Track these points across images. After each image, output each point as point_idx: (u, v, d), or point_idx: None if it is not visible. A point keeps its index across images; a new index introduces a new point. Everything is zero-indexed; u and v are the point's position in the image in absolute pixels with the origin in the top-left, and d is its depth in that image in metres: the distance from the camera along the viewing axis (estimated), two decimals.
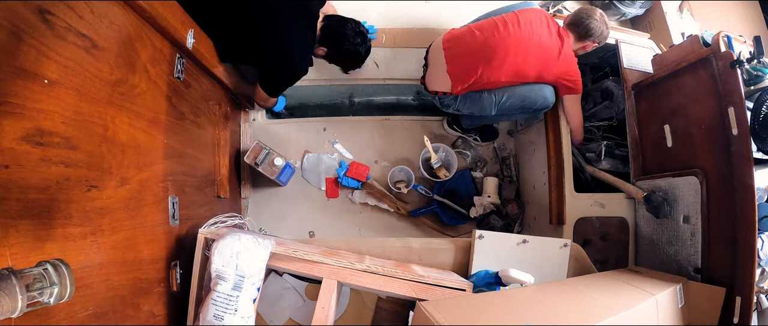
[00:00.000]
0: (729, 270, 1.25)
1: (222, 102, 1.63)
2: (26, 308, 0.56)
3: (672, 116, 1.48)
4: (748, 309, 1.19)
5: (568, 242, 1.39)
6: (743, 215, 1.21)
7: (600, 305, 0.99)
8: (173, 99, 1.20)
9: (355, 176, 1.97)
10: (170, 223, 1.15)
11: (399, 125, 2.10)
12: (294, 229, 1.97)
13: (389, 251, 1.35)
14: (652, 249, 1.53)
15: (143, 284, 1.01)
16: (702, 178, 1.34)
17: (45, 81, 0.72)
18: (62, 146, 0.76)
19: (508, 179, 2.09)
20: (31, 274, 0.60)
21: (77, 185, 0.80)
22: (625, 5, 2.22)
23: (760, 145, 1.26)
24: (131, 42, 0.98)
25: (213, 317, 1.01)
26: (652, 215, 1.51)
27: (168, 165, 1.16)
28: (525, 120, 2.07)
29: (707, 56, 1.33)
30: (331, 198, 2.02)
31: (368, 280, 1.09)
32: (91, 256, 0.83)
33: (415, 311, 0.90)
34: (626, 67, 1.70)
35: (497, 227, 1.94)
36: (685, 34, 2.02)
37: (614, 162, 1.75)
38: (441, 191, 2.01)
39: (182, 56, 1.24)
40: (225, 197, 1.62)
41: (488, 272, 1.21)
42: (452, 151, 1.99)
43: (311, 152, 2.03)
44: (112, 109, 0.91)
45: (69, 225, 0.77)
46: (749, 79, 1.33)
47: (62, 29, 0.75)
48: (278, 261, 1.11)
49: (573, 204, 1.60)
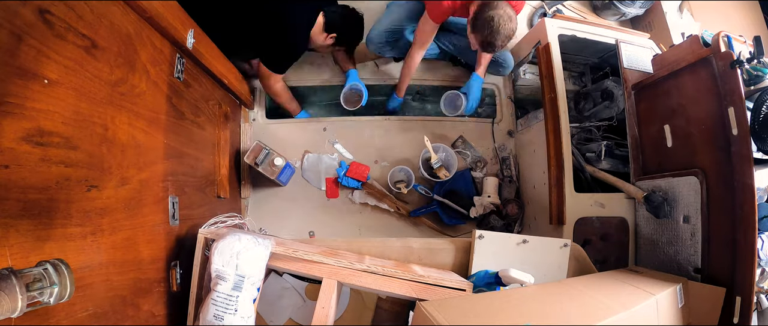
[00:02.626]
0: (729, 270, 1.25)
1: (222, 102, 1.63)
2: (26, 308, 0.56)
3: (672, 116, 1.48)
4: (748, 309, 1.19)
5: (568, 242, 1.39)
6: (743, 215, 1.21)
7: (600, 305, 0.99)
8: (173, 99, 1.20)
9: (355, 176, 1.97)
10: (170, 223, 1.15)
11: (399, 125, 2.10)
12: (294, 229, 1.97)
13: (389, 251, 1.35)
14: (652, 249, 1.53)
15: (143, 284, 1.01)
16: (702, 178, 1.34)
17: (45, 81, 0.72)
18: (62, 146, 0.76)
19: (508, 179, 2.09)
20: (31, 274, 0.60)
21: (77, 185, 0.80)
22: (625, 5, 2.22)
23: (760, 145, 1.26)
24: (131, 42, 0.98)
25: (213, 317, 1.01)
26: (652, 215, 1.51)
27: (168, 165, 1.16)
28: (525, 120, 2.07)
29: (707, 56, 1.33)
30: (331, 198, 2.02)
31: (368, 280, 1.09)
32: (91, 256, 0.83)
33: (415, 311, 0.90)
34: (626, 67, 1.70)
35: (497, 227, 1.94)
36: (685, 34, 2.02)
37: (614, 162, 1.75)
38: (441, 191, 2.01)
39: (182, 56, 1.24)
40: (225, 197, 1.62)
41: (488, 272, 1.21)
42: (452, 151, 1.99)
43: (311, 152, 2.03)
44: (112, 109, 0.91)
45: (69, 225, 0.77)
46: (749, 79, 1.33)
47: (62, 29, 0.75)
48: (278, 261, 1.11)
49: (573, 204, 1.60)
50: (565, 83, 1.72)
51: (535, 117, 1.96)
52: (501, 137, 2.15)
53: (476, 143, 2.13)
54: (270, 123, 2.04)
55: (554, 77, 1.70)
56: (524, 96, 2.20)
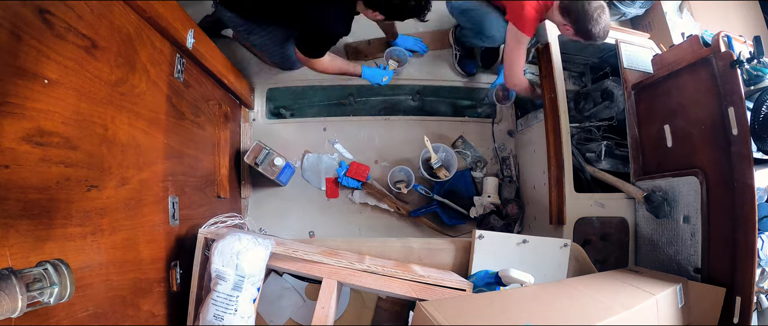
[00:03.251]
0: (729, 270, 1.25)
1: (222, 102, 1.63)
2: (26, 308, 0.56)
3: (672, 116, 1.48)
4: (748, 309, 1.19)
5: (568, 242, 1.39)
6: (743, 215, 1.21)
7: (600, 305, 0.99)
8: (173, 99, 1.20)
9: (355, 176, 1.97)
10: (170, 223, 1.15)
11: (399, 125, 2.10)
12: (294, 229, 1.97)
13: (389, 251, 1.35)
14: (652, 249, 1.53)
15: (143, 284, 1.01)
16: (702, 178, 1.34)
17: (45, 81, 0.72)
18: (62, 146, 0.76)
19: (508, 179, 2.09)
20: (31, 274, 0.60)
21: (77, 185, 0.80)
22: (625, 5, 2.22)
23: (760, 145, 1.26)
24: (131, 42, 0.98)
25: (213, 317, 1.01)
26: (652, 216, 1.51)
27: (168, 165, 1.16)
28: (525, 120, 2.07)
29: (707, 56, 1.33)
30: (331, 198, 2.02)
31: (368, 280, 1.09)
32: (91, 256, 0.83)
33: (415, 311, 0.90)
34: (626, 67, 1.70)
35: (497, 227, 1.94)
36: (685, 34, 2.02)
37: (614, 162, 1.75)
38: (441, 191, 2.01)
39: (182, 56, 1.24)
40: (225, 197, 1.62)
41: (488, 272, 1.21)
42: (452, 151, 1.99)
43: (311, 152, 2.03)
44: (112, 109, 0.91)
45: (69, 225, 0.77)
46: (749, 79, 1.33)
47: (62, 29, 0.76)
48: (278, 261, 1.11)
49: (573, 204, 1.60)
50: (565, 82, 1.72)
51: (535, 117, 1.96)
52: (501, 137, 2.15)
53: (476, 143, 2.13)
54: (270, 123, 2.04)
55: (554, 77, 1.70)
56: (524, 96, 2.19)
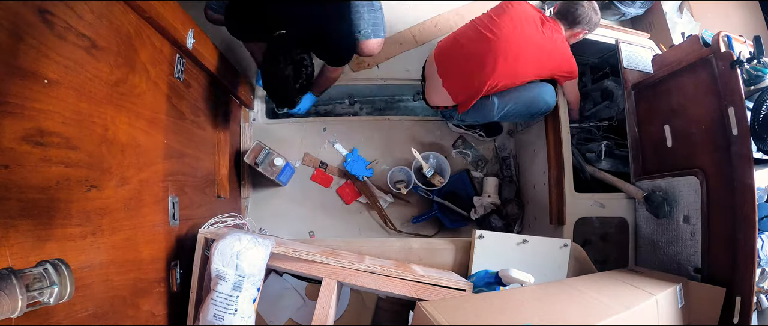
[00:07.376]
0: (729, 270, 1.24)
1: (222, 102, 1.63)
2: (26, 308, 0.56)
3: (672, 116, 1.48)
4: (748, 309, 1.19)
5: (568, 242, 1.39)
6: (743, 215, 1.21)
7: (600, 305, 0.99)
8: (173, 99, 1.20)
9: (320, 183, 2.00)
10: (170, 223, 1.15)
11: (399, 125, 2.10)
12: (294, 229, 1.97)
13: (389, 251, 1.35)
14: (652, 249, 1.53)
15: (143, 284, 1.01)
16: (702, 178, 1.34)
17: (45, 81, 0.72)
18: (62, 146, 0.76)
19: (508, 179, 2.09)
20: (31, 274, 0.60)
21: (77, 185, 0.80)
22: (625, 5, 2.22)
23: (760, 145, 1.26)
24: (131, 42, 0.98)
25: (213, 317, 1.01)
26: (652, 216, 1.51)
27: (168, 165, 1.16)
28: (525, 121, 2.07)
29: (707, 56, 1.33)
30: (348, 204, 2.02)
31: (368, 280, 1.09)
32: (91, 256, 0.83)
33: (415, 311, 0.90)
34: (626, 67, 1.70)
35: (497, 227, 1.94)
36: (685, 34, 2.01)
37: (614, 162, 1.75)
38: (441, 193, 2.01)
39: (182, 56, 1.24)
40: (225, 197, 1.62)
41: (488, 272, 1.21)
42: (441, 156, 1.98)
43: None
44: (112, 109, 0.91)
45: (69, 225, 0.77)
46: (749, 79, 1.33)
47: (62, 29, 0.76)
48: (278, 261, 1.11)
49: (573, 204, 1.60)
50: None
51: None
52: (501, 137, 2.15)
53: (476, 143, 2.13)
54: (270, 123, 2.04)
55: None
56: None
